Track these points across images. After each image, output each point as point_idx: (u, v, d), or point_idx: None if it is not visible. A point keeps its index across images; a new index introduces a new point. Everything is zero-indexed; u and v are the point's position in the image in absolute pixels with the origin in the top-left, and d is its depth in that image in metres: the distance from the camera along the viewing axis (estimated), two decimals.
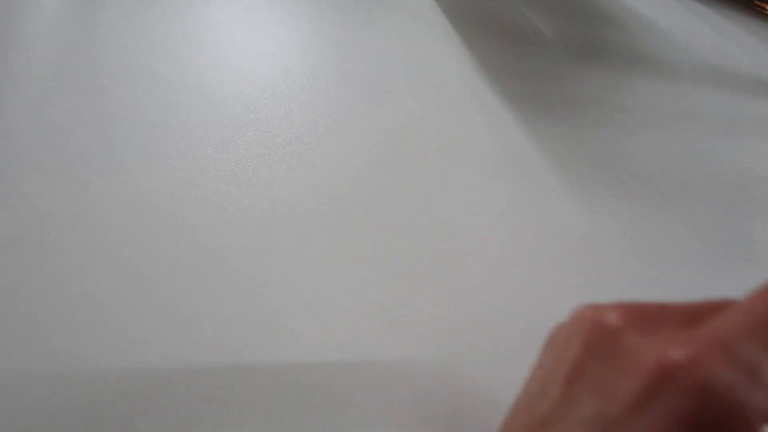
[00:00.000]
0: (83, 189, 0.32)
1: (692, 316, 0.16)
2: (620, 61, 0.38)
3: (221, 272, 0.30)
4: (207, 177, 0.32)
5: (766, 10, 0.38)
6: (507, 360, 0.29)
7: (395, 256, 0.31)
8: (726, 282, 0.32)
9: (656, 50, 0.38)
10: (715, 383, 0.13)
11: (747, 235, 0.34)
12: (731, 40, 0.39)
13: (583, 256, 0.32)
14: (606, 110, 0.36)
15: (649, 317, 0.16)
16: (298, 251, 0.31)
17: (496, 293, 0.31)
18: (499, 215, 0.33)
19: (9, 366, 0.21)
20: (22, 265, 0.26)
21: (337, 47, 0.37)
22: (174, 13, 0.37)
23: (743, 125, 0.37)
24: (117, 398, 0.20)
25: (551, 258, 0.32)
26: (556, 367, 0.17)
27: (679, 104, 0.37)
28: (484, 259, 0.32)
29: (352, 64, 0.36)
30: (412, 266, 0.30)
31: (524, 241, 0.32)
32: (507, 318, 0.30)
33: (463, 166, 0.34)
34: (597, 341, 0.16)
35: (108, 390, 0.20)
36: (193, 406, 0.21)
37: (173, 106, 0.34)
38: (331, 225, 0.32)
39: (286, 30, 0.38)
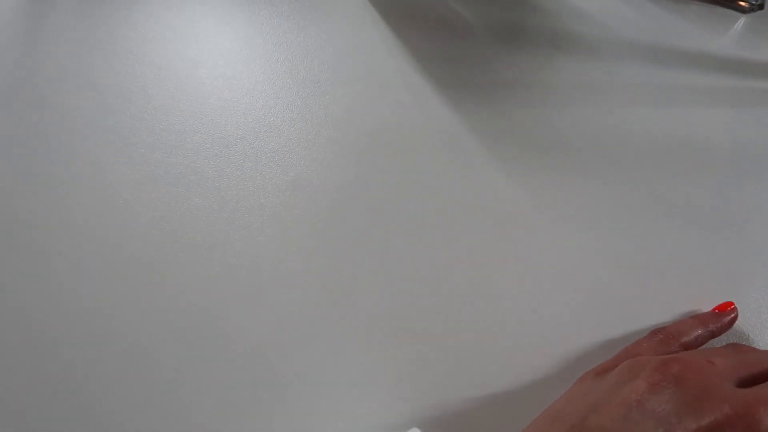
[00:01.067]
0: (31, 197, 0.34)
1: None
2: (544, 43, 0.40)
3: (172, 266, 0.33)
4: (157, 180, 0.35)
5: None
6: (459, 332, 0.32)
7: (335, 239, 0.33)
8: (645, 240, 0.35)
9: (578, 30, 0.40)
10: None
11: (666, 195, 0.36)
12: (646, 14, 0.41)
13: (514, 229, 0.35)
14: (532, 89, 0.39)
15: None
16: (246, 244, 0.34)
17: (437, 270, 0.33)
18: (431, 196, 0.35)
19: None
20: None
21: (276, 49, 0.39)
22: (114, 23, 0.39)
23: (660, 94, 0.39)
24: None
25: (482, 232, 0.35)
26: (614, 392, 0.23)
27: (601, 79, 0.39)
28: (419, 240, 0.34)
29: (290, 63, 0.38)
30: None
31: (455, 218, 0.35)
32: (449, 293, 0.33)
33: (397, 151, 0.36)
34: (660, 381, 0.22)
35: None
36: None
37: (118, 114, 0.36)
38: (278, 217, 0.35)
39: (225, 37, 0.40)
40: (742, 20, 0.42)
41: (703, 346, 0.31)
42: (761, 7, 0.41)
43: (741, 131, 0.39)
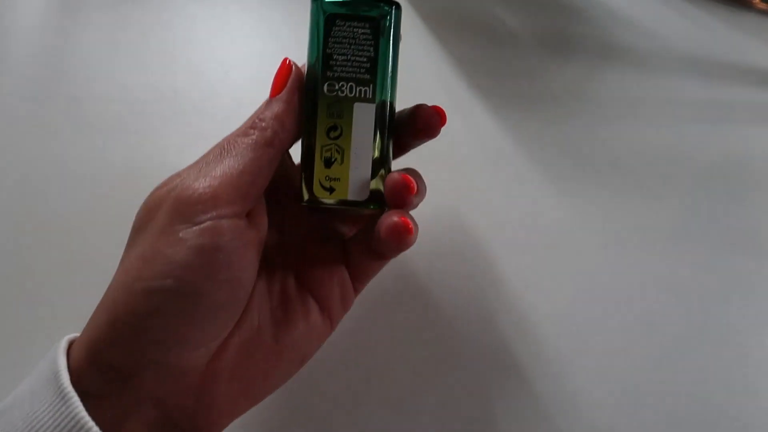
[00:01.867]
0: (58, 198, 0.33)
1: None
2: (592, 54, 0.38)
3: None
4: None
5: None
6: (498, 354, 0.30)
7: None
8: (705, 267, 0.33)
9: (627, 41, 0.38)
10: None
11: (725, 219, 0.34)
12: (702, 28, 0.39)
13: (562, 247, 0.33)
14: (579, 102, 0.37)
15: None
16: None
17: (477, 287, 0.31)
18: (477, 210, 0.33)
19: None
20: None
21: None
22: (147, 24, 0.38)
23: (717, 111, 0.37)
24: None
25: (530, 249, 0.33)
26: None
27: (652, 93, 0.37)
28: (463, 253, 0.32)
29: None
30: None
31: (498, 236, 0.33)
32: (490, 310, 0.31)
33: (440, 164, 0.34)
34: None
35: None
36: None
37: (149, 116, 0.35)
38: None
39: (259, 38, 0.38)
40: None
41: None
42: None
43: None
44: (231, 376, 0.20)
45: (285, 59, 0.23)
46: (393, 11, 0.23)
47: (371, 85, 0.22)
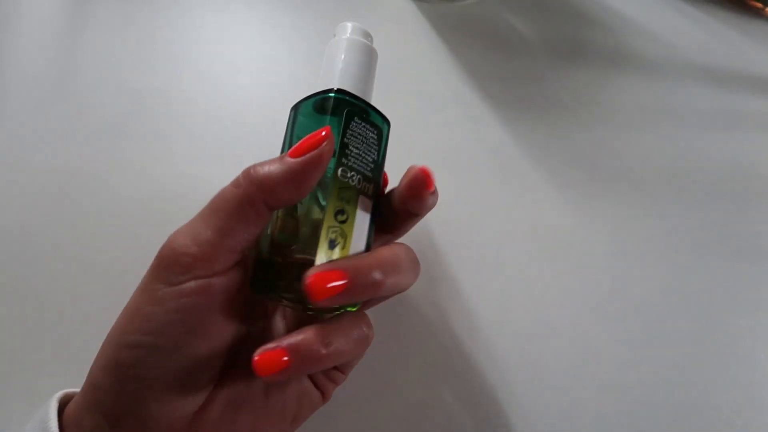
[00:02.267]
0: (66, 199, 0.33)
1: None
2: (604, 61, 0.38)
3: None
4: (197, 190, 0.33)
5: (755, 6, 0.38)
6: (503, 362, 0.29)
7: None
8: (714, 279, 0.32)
9: (640, 49, 0.38)
10: None
11: (735, 231, 0.34)
12: (716, 36, 0.39)
13: (570, 257, 0.32)
14: (591, 110, 0.36)
15: None
16: None
17: (484, 295, 0.31)
18: (485, 217, 0.33)
19: None
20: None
21: (320, 58, 0.37)
22: (156, 25, 0.38)
23: (731, 121, 0.37)
24: None
25: (538, 259, 0.32)
26: None
27: (665, 102, 0.37)
28: (470, 260, 0.32)
29: None
30: None
31: (505, 244, 0.32)
32: (496, 320, 0.30)
33: (448, 170, 0.34)
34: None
35: None
36: None
37: (157, 118, 0.35)
38: None
39: (269, 42, 0.38)
40: None
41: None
42: None
43: None
44: (217, 429, 0.20)
45: (327, 128, 0.20)
46: (389, 127, 0.25)
47: (372, 185, 0.23)
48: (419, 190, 0.22)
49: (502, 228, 0.33)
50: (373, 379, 0.29)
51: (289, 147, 0.21)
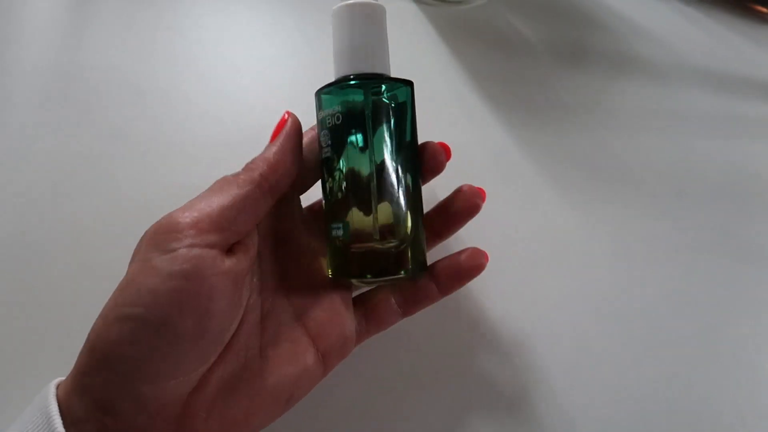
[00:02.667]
0: (72, 201, 0.32)
1: None
2: (608, 65, 0.38)
3: None
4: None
5: (759, 11, 0.38)
6: (505, 365, 0.29)
7: None
8: (716, 282, 0.32)
9: (644, 53, 0.38)
10: None
11: (737, 234, 0.34)
12: (720, 40, 0.39)
13: (572, 259, 0.32)
14: (594, 114, 0.36)
15: None
16: None
17: (486, 298, 0.31)
18: (487, 221, 0.33)
19: None
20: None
21: (323, 59, 0.37)
22: (159, 27, 0.38)
23: (734, 126, 0.37)
24: None
25: (540, 261, 0.32)
26: None
27: (668, 106, 0.37)
28: None
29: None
30: None
31: (513, 245, 0.32)
32: (498, 321, 0.30)
33: (451, 174, 0.34)
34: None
35: None
36: None
37: (160, 121, 0.35)
38: None
39: (271, 44, 0.38)
40: None
41: None
42: None
43: None
44: (210, 411, 0.20)
45: (285, 112, 0.25)
46: (408, 90, 0.27)
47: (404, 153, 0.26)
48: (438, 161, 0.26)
49: (504, 230, 0.33)
50: (374, 379, 0.29)
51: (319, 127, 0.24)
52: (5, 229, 0.31)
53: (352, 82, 0.24)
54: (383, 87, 0.24)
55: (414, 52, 0.37)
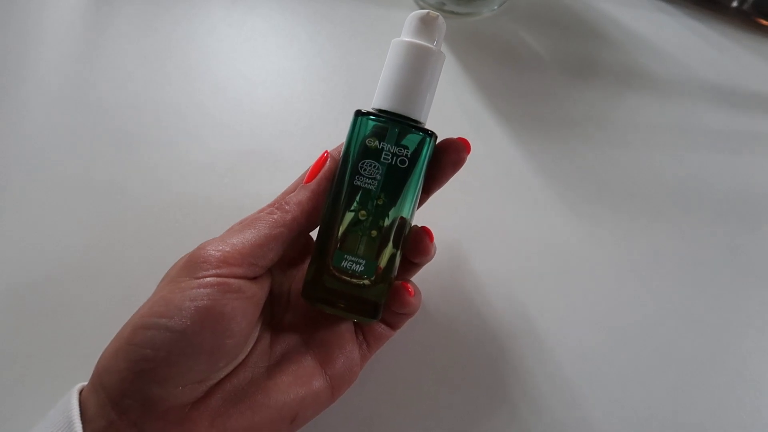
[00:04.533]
0: (82, 207, 0.33)
1: None
2: (616, 79, 0.38)
3: None
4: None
5: (764, 24, 0.38)
6: (510, 379, 0.30)
7: None
8: (722, 297, 0.32)
9: (652, 67, 0.38)
10: None
11: (743, 249, 0.34)
12: (728, 55, 0.39)
13: (578, 273, 0.33)
14: (601, 128, 0.37)
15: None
16: None
17: (495, 310, 0.31)
18: (495, 233, 0.33)
19: None
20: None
21: (336, 72, 0.38)
22: (175, 37, 0.39)
23: (741, 141, 0.37)
24: None
25: (546, 275, 0.33)
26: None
27: (673, 120, 0.37)
28: (480, 277, 0.33)
29: (349, 87, 0.37)
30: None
31: (520, 258, 0.33)
32: (504, 335, 0.31)
33: (459, 187, 0.34)
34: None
35: None
36: None
37: (173, 130, 0.36)
38: None
39: (286, 56, 0.39)
40: None
41: None
42: None
43: None
44: (214, 420, 0.21)
45: (324, 152, 0.25)
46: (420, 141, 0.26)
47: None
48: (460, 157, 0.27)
49: (511, 244, 0.33)
50: (381, 389, 0.29)
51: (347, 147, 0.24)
52: (21, 235, 0.32)
53: (419, 127, 0.24)
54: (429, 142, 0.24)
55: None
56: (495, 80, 0.37)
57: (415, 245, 0.26)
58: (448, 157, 0.26)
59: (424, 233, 0.26)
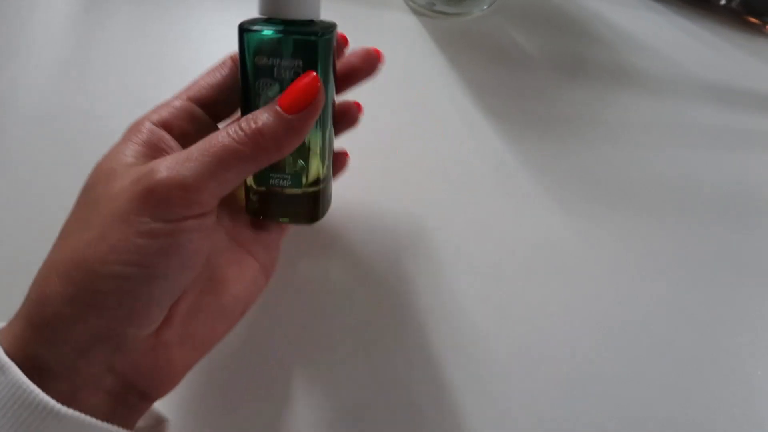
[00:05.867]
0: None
1: None
2: (607, 78, 0.38)
3: None
4: None
5: (753, 22, 0.38)
6: (502, 378, 0.29)
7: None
8: (716, 296, 0.32)
9: (643, 66, 0.38)
10: None
11: (738, 248, 0.34)
12: (719, 53, 0.39)
13: (571, 271, 0.32)
14: (593, 126, 0.37)
15: None
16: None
17: (484, 309, 0.31)
18: (486, 232, 0.33)
19: None
20: None
21: None
22: (169, 39, 0.38)
23: (734, 138, 0.37)
24: None
25: (539, 273, 0.32)
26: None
27: (665, 118, 0.37)
28: (471, 275, 0.32)
29: None
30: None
31: (511, 257, 0.32)
32: (495, 333, 0.30)
33: (450, 185, 0.34)
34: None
35: None
36: None
37: None
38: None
39: None
40: None
41: None
42: None
43: None
44: (181, 338, 0.22)
45: (312, 74, 0.21)
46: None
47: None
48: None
49: (503, 243, 0.33)
50: (369, 386, 0.29)
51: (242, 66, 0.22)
52: (15, 236, 0.31)
53: (308, 30, 0.22)
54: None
55: (413, 64, 0.38)
56: (486, 80, 0.37)
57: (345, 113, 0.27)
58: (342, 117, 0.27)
59: (353, 104, 0.28)
